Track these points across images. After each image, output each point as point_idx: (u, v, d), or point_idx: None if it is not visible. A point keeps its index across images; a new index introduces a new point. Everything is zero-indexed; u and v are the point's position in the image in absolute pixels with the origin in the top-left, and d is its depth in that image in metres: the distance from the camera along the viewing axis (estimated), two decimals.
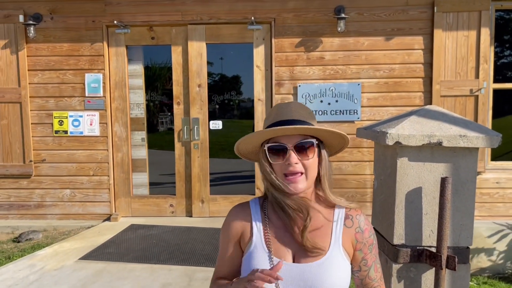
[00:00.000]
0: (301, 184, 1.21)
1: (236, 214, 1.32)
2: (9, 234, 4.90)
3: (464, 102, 4.75)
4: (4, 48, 4.94)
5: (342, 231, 1.27)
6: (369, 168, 4.91)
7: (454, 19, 4.72)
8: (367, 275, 1.30)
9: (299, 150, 1.22)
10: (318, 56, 4.86)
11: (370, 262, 1.29)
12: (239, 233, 1.30)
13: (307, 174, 1.23)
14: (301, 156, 1.22)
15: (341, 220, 1.28)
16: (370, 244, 1.29)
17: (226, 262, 1.33)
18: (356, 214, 1.30)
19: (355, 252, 1.28)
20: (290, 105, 1.29)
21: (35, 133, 5.03)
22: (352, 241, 1.28)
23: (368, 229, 1.29)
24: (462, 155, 1.54)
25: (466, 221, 1.57)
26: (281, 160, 1.22)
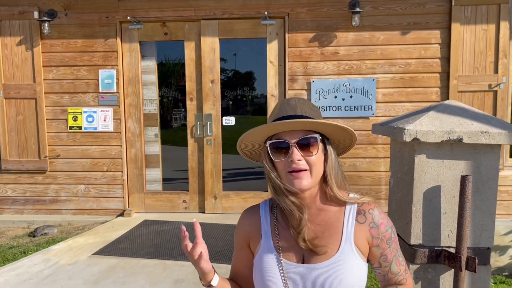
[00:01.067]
0: (305, 180, 1.16)
1: (246, 217, 1.32)
2: (25, 228, 4.96)
3: (483, 98, 4.64)
4: (19, 45, 4.98)
5: (354, 228, 1.21)
6: (384, 164, 4.84)
7: (473, 13, 4.60)
8: (389, 270, 1.24)
9: (302, 146, 1.16)
10: (332, 51, 4.79)
11: (390, 257, 1.23)
12: (248, 237, 1.30)
13: (312, 171, 1.17)
14: (304, 152, 1.16)
15: (352, 216, 1.22)
16: (388, 239, 1.22)
17: (238, 262, 1.35)
18: (369, 208, 1.23)
19: (372, 249, 1.22)
20: (293, 101, 1.24)
21: (50, 128, 5.08)
22: (367, 237, 1.21)
23: (384, 223, 1.22)
24: (484, 152, 1.48)
25: (487, 221, 1.51)
26: (283, 158, 1.17)
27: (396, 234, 1.26)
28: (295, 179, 1.16)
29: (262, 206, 1.32)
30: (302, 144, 1.16)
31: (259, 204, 1.34)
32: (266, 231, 1.26)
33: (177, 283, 3.19)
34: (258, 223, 1.28)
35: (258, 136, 1.24)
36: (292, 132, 1.17)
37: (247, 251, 1.31)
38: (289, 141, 1.16)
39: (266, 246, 1.24)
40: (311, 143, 1.16)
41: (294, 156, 1.15)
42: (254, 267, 1.25)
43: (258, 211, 1.31)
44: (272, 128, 1.17)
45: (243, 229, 1.31)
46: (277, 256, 1.21)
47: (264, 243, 1.25)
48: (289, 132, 1.18)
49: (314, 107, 1.25)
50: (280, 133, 1.19)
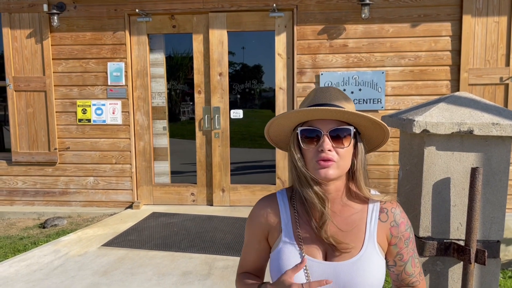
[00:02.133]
0: (332, 170, 1.11)
1: (263, 207, 1.25)
2: (35, 220, 5.01)
3: (494, 91, 4.58)
4: (29, 37, 5.01)
5: (377, 226, 1.19)
6: (393, 158, 4.80)
7: (484, 4, 4.53)
8: (403, 270, 1.23)
9: (334, 137, 1.12)
10: (341, 44, 4.76)
11: (406, 257, 1.22)
12: (266, 229, 1.23)
13: (340, 163, 1.12)
14: (336, 143, 1.12)
15: (375, 214, 1.20)
16: (406, 238, 1.21)
17: (252, 256, 1.28)
18: (392, 207, 1.21)
19: (390, 247, 1.21)
20: (329, 89, 1.19)
21: (59, 121, 5.11)
22: (387, 235, 1.20)
23: (404, 223, 1.21)
24: (495, 144, 1.46)
25: (497, 214, 1.49)
26: (313, 146, 1.13)
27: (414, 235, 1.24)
28: (322, 168, 1.11)
29: (279, 196, 1.26)
30: (335, 134, 1.12)
31: (275, 193, 1.28)
32: (286, 223, 1.20)
33: (185, 274, 3.21)
34: (277, 214, 1.22)
35: (289, 121, 1.18)
36: (326, 121, 1.13)
37: (264, 245, 1.26)
38: (321, 130, 1.12)
39: (287, 240, 1.18)
40: (344, 135, 1.13)
41: (325, 145, 1.11)
42: (272, 262, 1.20)
43: (276, 202, 1.25)
44: (307, 114, 1.12)
45: (261, 220, 1.24)
46: (300, 252, 1.16)
47: (284, 236, 1.19)
48: (322, 121, 1.13)
49: (349, 99, 1.21)
50: (312, 121, 1.15)
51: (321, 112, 1.10)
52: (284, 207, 1.23)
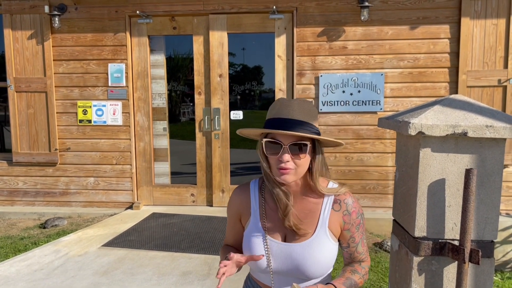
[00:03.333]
0: (290, 177, 1.32)
1: (238, 195, 1.49)
2: (36, 220, 5.04)
3: (492, 93, 4.61)
4: (30, 39, 5.04)
5: (330, 215, 1.40)
6: (392, 159, 4.83)
7: (483, 7, 4.56)
8: (355, 250, 1.45)
9: (293, 149, 1.31)
10: (340, 46, 4.79)
11: (357, 239, 1.43)
12: (239, 212, 1.49)
13: (297, 170, 1.33)
14: (294, 155, 1.31)
15: (329, 205, 1.41)
16: (357, 224, 1.42)
17: (231, 233, 1.55)
18: (344, 198, 1.41)
19: (343, 232, 1.42)
20: (292, 104, 1.36)
21: (60, 122, 5.14)
22: (340, 223, 1.41)
23: (355, 211, 1.42)
24: (488, 146, 1.49)
25: (491, 214, 1.52)
26: (275, 155, 1.33)
27: (365, 221, 1.48)
28: (282, 175, 1.32)
29: (252, 186, 1.50)
30: (293, 147, 1.31)
31: (250, 182, 1.51)
32: (255, 210, 1.44)
33: (184, 275, 3.23)
34: (248, 201, 1.46)
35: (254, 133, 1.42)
36: (287, 136, 1.31)
37: (239, 225, 1.50)
38: (282, 143, 1.31)
39: (254, 224, 1.43)
40: (302, 149, 1.32)
41: (284, 157, 1.30)
42: (244, 241, 1.44)
43: (249, 190, 1.49)
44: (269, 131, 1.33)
45: (235, 205, 1.50)
46: (263, 234, 1.40)
47: (252, 220, 1.43)
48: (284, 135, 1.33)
49: (312, 110, 1.38)
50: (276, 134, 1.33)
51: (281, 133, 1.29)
52: (254, 196, 1.47)
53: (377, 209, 4.88)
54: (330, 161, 4.89)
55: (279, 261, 1.37)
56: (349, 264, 1.48)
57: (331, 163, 4.88)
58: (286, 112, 1.34)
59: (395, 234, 1.81)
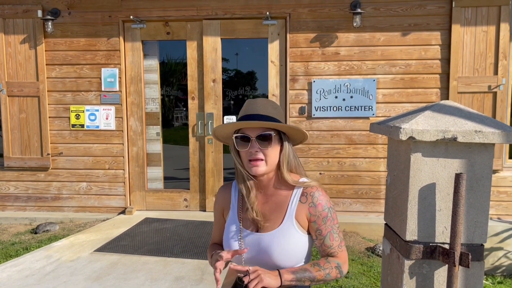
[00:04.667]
0: (261, 168, 1.48)
1: (221, 192, 1.68)
2: (27, 225, 5.00)
3: (482, 99, 4.67)
4: (23, 43, 5.03)
5: (297, 206, 1.51)
6: (384, 164, 4.87)
7: (473, 14, 4.63)
8: (322, 243, 1.52)
9: (260, 140, 1.47)
10: (333, 52, 4.83)
11: (324, 232, 1.51)
12: (222, 208, 1.66)
13: (267, 160, 1.48)
14: (262, 145, 1.47)
15: (297, 197, 1.52)
16: (324, 217, 1.51)
17: (216, 230, 1.71)
18: (311, 191, 1.52)
19: (310, 224, 1.51)
20: (257, 101, 1.53)
21: (52, 126, 5.12)
22: (306, 214, 1.51)
23: (322, 204, 1.51)
24: (478, 151, 1.51)
25: (481, 218, 1.54)
26: (245, 148, 1.48)
27: (335, 215, 1.55)
28: (253, 167, 1.48)
29: (233, 184, 1.66)
30: (261, 138, 1.46)
31: (232, 182, 1.67)
32: (233, 205, 1.61)
33: (177, 280, 3.23)
34: (229, 197, 1.64)
35: (226, 130, 1.56)
36: (253, 129, 1.47)
37: (222, 220, 1.67)
38: (250, 136, 1.47)
39: (232, 217, 1.59)
40: (267, 138, 1.47)
41: (252, 148, 1.47)
42: (224, 232, 1.60)
43: (231, 187, 1.66)
44: (236, 126, 1.49)
45: (219, 202, 1.67)
46: (237, 225, 1.55)
47: (231, 213, 1.60)
48: (250, 128, 1.48)
49: (276, 106, 1.55)
50: (243, 129, 1.49)
51: (246, 124, 1.46)
52: (234, 193, 1.63)
53: (369, 214, 4.91)
54: (323, 166, 4.91)
55: (250, 250, 1.50)
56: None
57: (324, 168, 4.91)
58: (251, 109, 1.51)
59: (386, 238, 1.82)
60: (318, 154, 4.90)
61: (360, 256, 4.04)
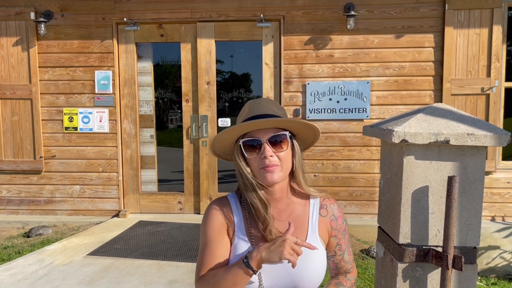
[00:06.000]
0: (276, 174, 1.24)
1: (219, 207, 1.34)
2: (20, 229, 4.96)
3: (475, 101, 4.69)
4: (15, 45, 5.00)
5: (318, 221, 1.34)
6: (378, 166, 4.87)
7: (466, 17, 4.66)
8: (342, 258, 1.39)
9: (273, 143, 1.25)
10: (327, 54, 4.84)
11: (344, 247, 1.39)
12: (225, 224, 1.32)
13: (282, 166, 1.25)
14: (275, 149, 1.25)
15: (316, 210, 1.35)
16: (343, 230, 1.38)
17: (217, 256, 1.29)
18: (330, 203, 1.39)
19: (330, 239, 1.37)
20: (261, 101, 1.32)
21: (45, 129, 5.09)
22: (327, 229, 1.35)
23: (341, 216, 1.39)
24: (470, 153, 1.52)
25: (474, 221, 1.54)
26: (256, 154, 1.25)
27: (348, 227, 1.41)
28: (268, 173, 1.23)
29: (230, 199, 1.36)
30: (273, 141, 1.25)
31: (226, 196, 1.38)
32: (238, 223, 1.31)
33: (171, 283, 3.21)
34: (231, 214, 1.33)
35: (230, 135, 1.29)
36: (263, 131, 1.25)
37: (227, 238, 1.32)
38: (261, 139, 1.24)
39: (239, 238, 1.29)
40: (281, 139, 1.25)
41: (266, 152, 1.23)
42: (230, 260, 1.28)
43: (229, 203, 1.35)
44: (245, 127, 1.23)
45: (220, 217, 1.32)
46: (249, 247, 1.27)
47: (237, 235, 1.30)
48: (260, 131, 1.25)
49: (280, 107, 1.35)
50: (251, 132, 1.26)
51: (259, 123, 1.22)
52: (237, 208, 1.34)
53: (364, 216, 4.91)
54: (317, 168, 4.91)
55: (271, 277, 1.24)
56: (335, 276, 1.41)
57: (318, 170, 4.91)
58: (256, 110, 1.29)
59: (380, 241, 1.82)
60: (312, 156, 4.90)
61: (355, 258, 4.04)
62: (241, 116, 1.33)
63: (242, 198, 1.35)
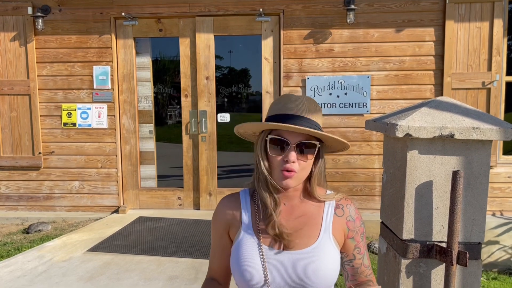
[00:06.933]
0: (292, 181, 1.19)
1: (226, 204, 1.31)
2: (19, 225, 4.94)
3: (476, 95, 4.67)
4: (13, 41, 4.95)
5: (333, 220, 1.26)
6: (378, 161, 4.86)
7: (467, 10, 4.62)
8: (362, 263, 1.29)
9: (300, 149, 1.19)
10: (327, 48, 4.80)
11: (363, 250, 1.30)
12: (228, 224, 1.29)
13: (300, 174, 1.20)
14: (300, 156, 1.19)
15: (331, 209, 1.28)
16: (361, 233, 1.30)
17: (216, 254, 1.31)
18: (347, 203, 1.30)
19: (347, 240, 1.28)
20: (301, 100, 1.24)
21: (44, 125, 5.05)
22: (343, 229, 1.27)
23: (359, 218, 1.30)
24: (475, 148, 1.49)
25: (478, 216, 1.52)
26: (279, 155, 1.19)
27: None
28: (285, 178, 1.19)
29: (242, 194, 1.33)
30: (301, 147, 1.19)
31: (239, 192, 1.35)
32: (246, 218, 1.27)
33: (171, 279, 3.19)
34: (239, 210, 1.29)
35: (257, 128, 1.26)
36: (294, 134, 1.19)
37: (226, 239, 1.30)
38: (289, 141, 1.18)
39: (246, 233, 1.25)
40: (309, 149, 1.20)
41: (290, 157, 1.17)
42: (232, 255, 1.25)
43: (239, 199, 1.32)
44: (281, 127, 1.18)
45: (223, 216, 1.30)
46: (257, 242, 1.22)
47: (244, 230, 1.25)
48: (291, 132, 1.19)
49: (319, 110, 1.27)
50: (282, 131, 1.20)
51: (294, 129, 1.16)
52: (246, 203, 1.29)
53: (364, 211, 4.90)
54: None
55: (277, 273, 1.19)
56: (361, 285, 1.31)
57: None
58: (294, 108, 1.22)
59: (383, 237, 1.80)
60: None
61: None
62: (275, 106, 1.26)
63: (254, 192, 1.31)
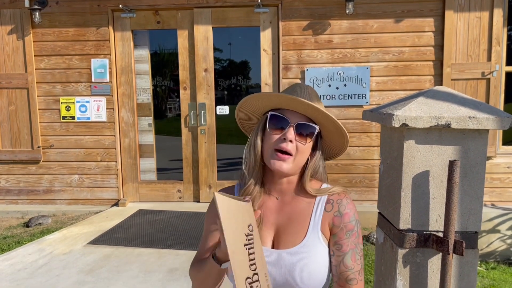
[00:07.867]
0: (286, 164, 1.19)
1: None
2: (19, 219, 4.95)
3: (476, 86, 4.65)
4: (10, 34, 4.93)
5: (322, 216, 1.24)
6: (378, 153, 4.85)
7: (466, 0, 4.59)
8: (341, 261, 1.21)
9: (299, 130, 1.20)
10: (326, 39, 4.78)
11: (346, 248, 1.22)
12: None
13: (296, 157, 1.20)
14: (299, 137, 1.20)
15: (321, 204, 1.26)
16: (348, 230, 1.23)
17: (208, 239, 1.29)
18: (338, 198, 1.26)
19: (331, 236, 1.24)
20: (307, 88, 1.26)
21: (42, 118, 5.05)
22: (329, 224, 1.24)
23: (349, 214, 1.24)
24: (472, 137, 1.49)
25: (475, 205, 1.52)
26: (277, 134, 1.20)
27: (361, 231, 1.27)
28: (278, 160, 1.19)
29: (237, 187, 1.32)
30: (300, 128, 1.20)
31: (234, 185, 1.34)
32: None
33: (171, 271, 3.21)
34: None
35: (263, 103, 1.25)
36: (295, 114, 1.20)
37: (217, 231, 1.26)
38: (289, 120, 1.19)
39: None
40: (308, 131, 1.21)
41: (288, 135, 1.17)
42: None
43: (233, 191, 1.32)
44: (281, 99, 1.18)
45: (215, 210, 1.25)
46: None
47: None
48: (292, 114, 1.20)
49: (321, 102, 1.28)
50: (283, 110, 1.21)
51: (295, 102, 1.16)
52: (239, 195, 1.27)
53: (363, 202, 4.90)
54: None
55: None
56: None
57: None
58: (300, 92, 1.22)
59: (380, 227, 1.80)
60: None
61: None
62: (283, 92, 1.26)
63: None
